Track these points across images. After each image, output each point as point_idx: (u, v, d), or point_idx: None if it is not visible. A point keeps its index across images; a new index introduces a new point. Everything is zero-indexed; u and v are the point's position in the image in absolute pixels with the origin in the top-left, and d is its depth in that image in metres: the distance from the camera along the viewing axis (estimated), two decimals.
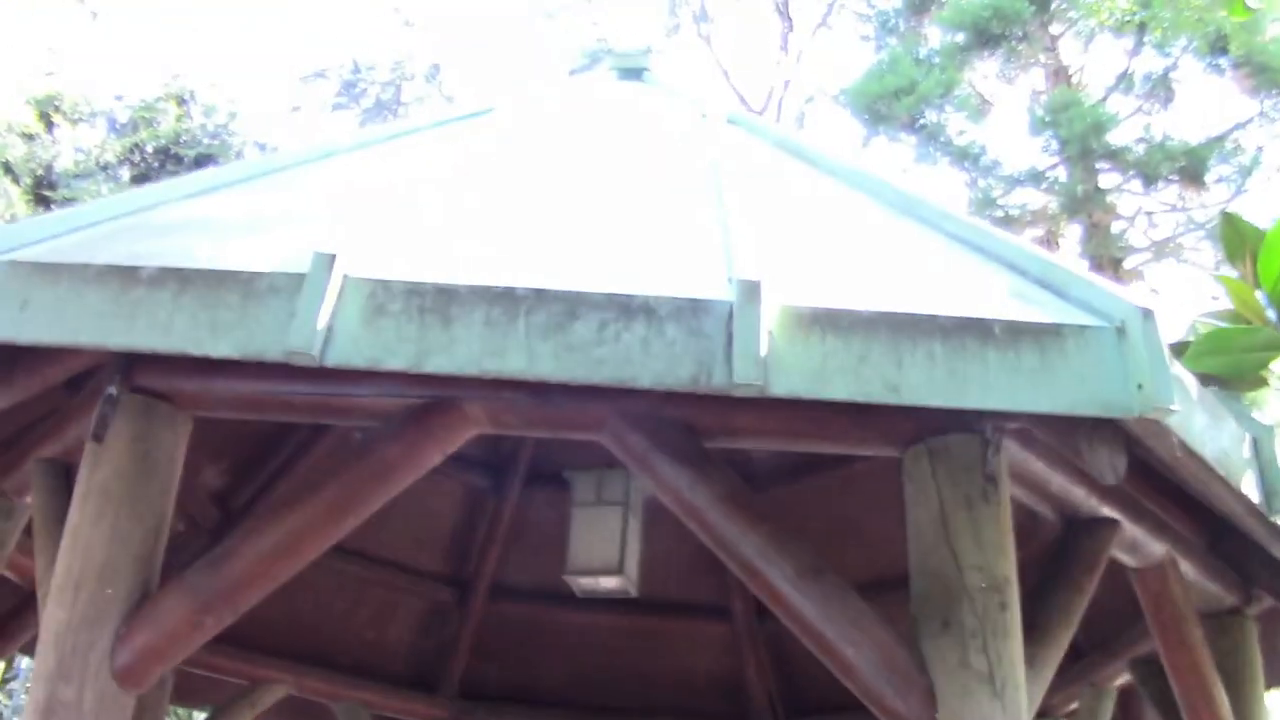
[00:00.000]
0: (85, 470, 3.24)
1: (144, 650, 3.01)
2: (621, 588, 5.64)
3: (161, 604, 3.06)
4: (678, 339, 2.67)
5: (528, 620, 7.72)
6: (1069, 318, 2.84)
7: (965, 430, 3.15)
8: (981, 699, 2.90)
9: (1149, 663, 5.02)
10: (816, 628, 3.09)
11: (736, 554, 3.17)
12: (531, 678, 7.75)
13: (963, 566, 3.04)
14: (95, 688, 2.95)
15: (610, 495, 5.63)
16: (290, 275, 2.77)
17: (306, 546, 3.13)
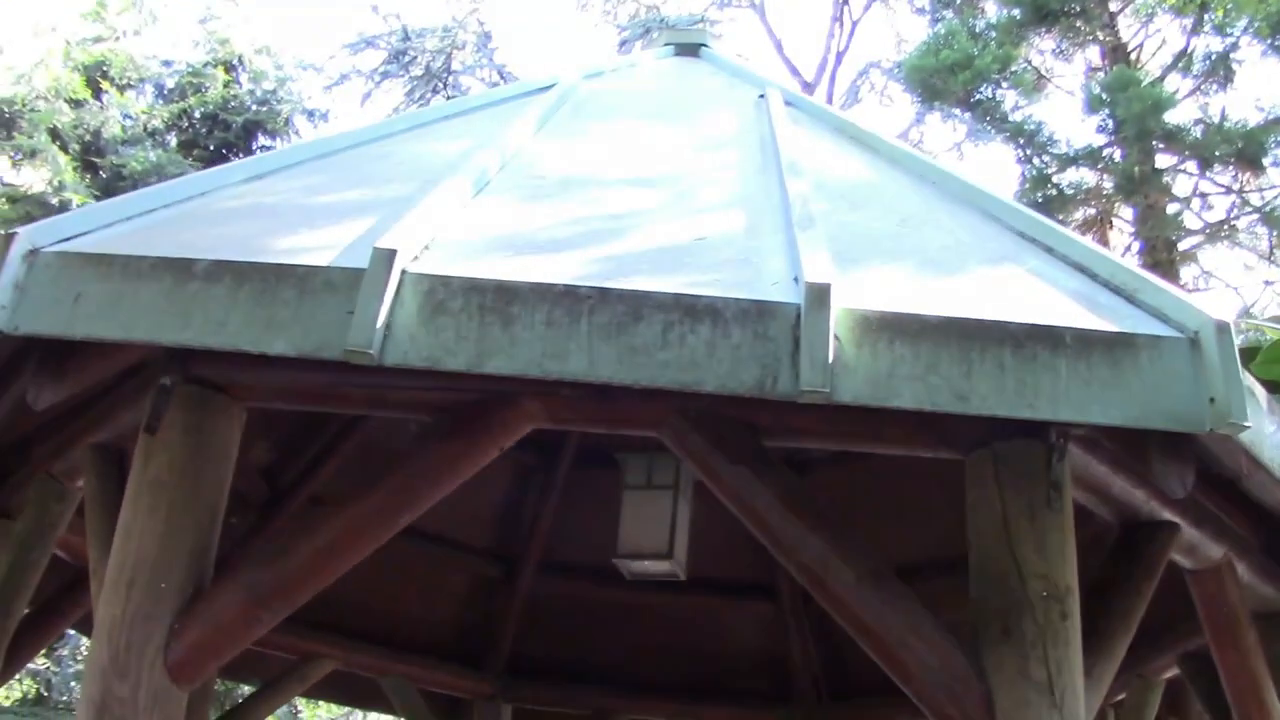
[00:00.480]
0: (138, 463, 3.22)
1: (198, 646, 3.00)
2: (670, 572, 5.62)
3: (216, 599, 3.04)
4: (743, 343, 2.62)
5: (575, 597, 7.74)
6: (1141, 327, 2.77)
7: (1030, 436, 3.08)
8: (1040, 709, 2.86)
9: (1199, 658, 4.96)
10: (875, 632, 3.05)
11: (796, 557, 3.13)
12: (578, 654, 7.76)
13: (1025, 575, 2.99)
14: (149, 684, 2.94)
15: (661, 479, 5.60)
16: (348, 271, 2.74)
17: (362, 541, 3.11)
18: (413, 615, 7.43)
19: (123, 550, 3.09)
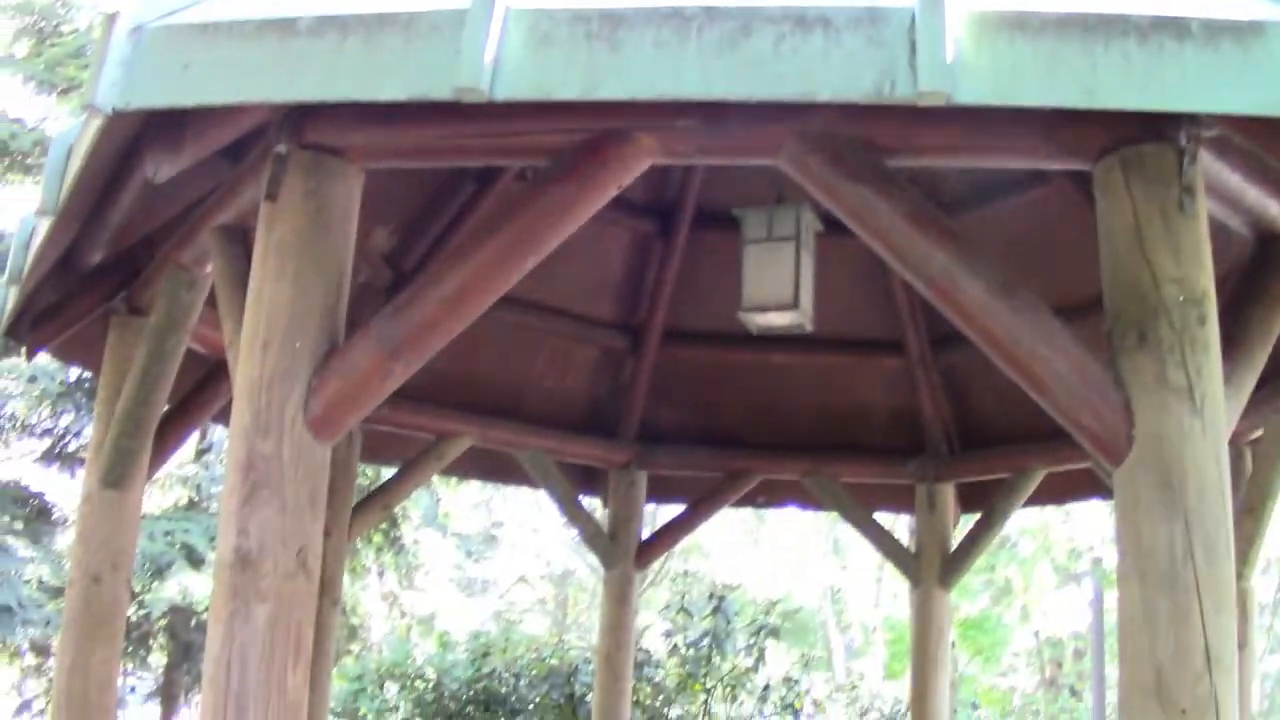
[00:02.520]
0: (262, 231, 3.26)
1: (336, 400, 3.07)
2: (797, 323, 5.58)
3: (350, 354, 3.10)
4: (857, 49, 2.53)
5: (702, 362, 7.81)
6: (1270, 14, 2.63)
7: (1160, 140, 2.98)
8: (1180, 414, 2.82)
9: None
10: (1009, 345, 3.01)
11: (924, 273, 3.08)
12: (709, 418, 7.86)
13: (1159, 280, 2.92)
14: (292, 440, 3.02)
15: (782, 231, 5.53)
16: (451, 12, 2.69)
17: (490, 286, 3.12)
18: (545, 390, 7.57)
19: (255, 315, 3.16)
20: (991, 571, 25.62)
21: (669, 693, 10.45)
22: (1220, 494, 2.78)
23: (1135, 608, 2.71)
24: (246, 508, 2.96)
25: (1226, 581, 2.73)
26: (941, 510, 7.76)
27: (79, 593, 4.90)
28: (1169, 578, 2.67)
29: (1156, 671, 2.63)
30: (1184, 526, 2.70)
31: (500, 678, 10.41)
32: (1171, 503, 2.72)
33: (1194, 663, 2.62)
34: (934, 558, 7.71)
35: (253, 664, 2.87)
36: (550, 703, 10.08)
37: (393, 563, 16.85)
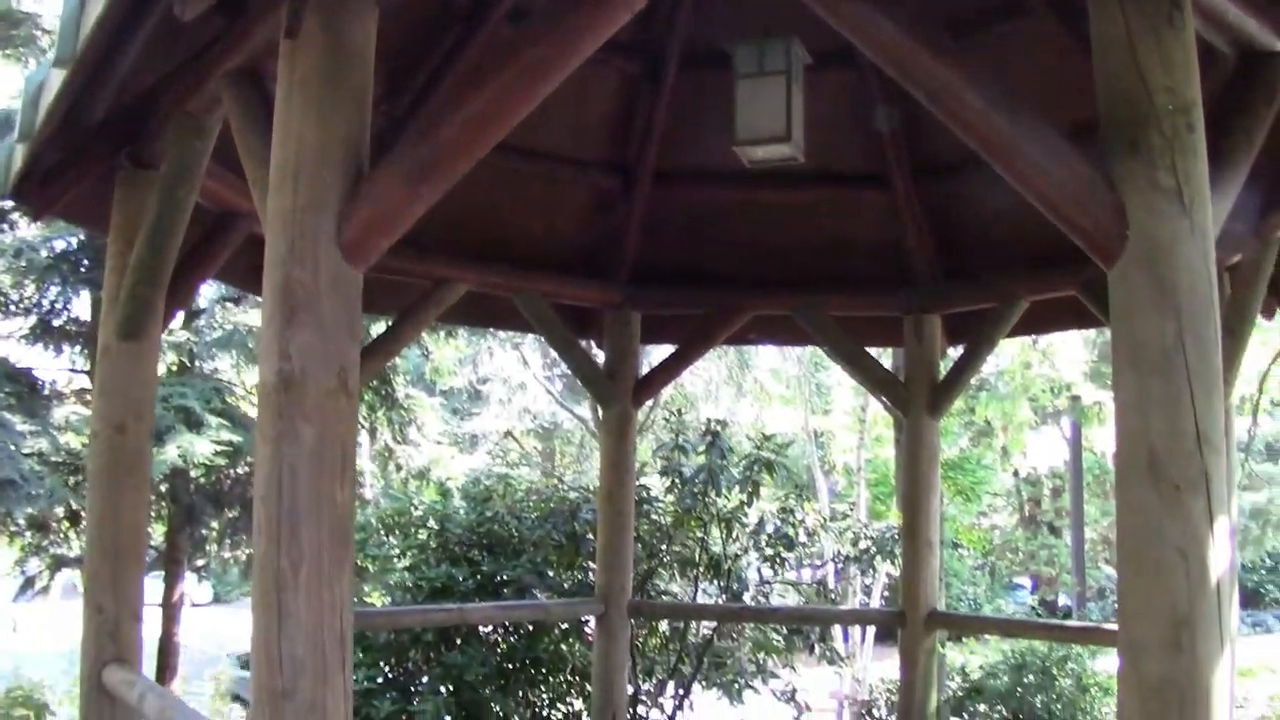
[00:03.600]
0: (284, 68, 3.33)
1: (367, 226, 3.18)
2: (791, 155, 5.69)
3: (378, 181, 3.20)
4: None
5: (693, 202, 7.94)
6: None
7: None
8: (1171, 215, 2.96)
9: None
10: (1010, 155, 3.14)
11: (928, 86, 3.19)
12: (700, 257, 8.00)
13: (1151, 89, 3.04)
14: (327, 266, 3.14)
15: (773, 64, 5.61)
16: None
17: (509, 109, 3.19)
18: (537, 234, 7.68)
19: (283, 149, 3.25)
20: (971, 413, 25.98)
21: (667, 529, 10.70)
22: (1209, 289, 2.94)
23: (1130, 393, 2.88)
24: (287, 332, 3.08)
25: (1214, 370, 2.91)
26: (929, 341, 7.95)
27: (104, 443, 5.06)
28: (1161, 366, 2.84)
29: (1150, 451, 2.81)
30: (1175, 319, 2.86)
31: (502, 521, 10.62)
32: (1163, 297, 2.88)
33: (1185, 443, 2.80)
34: (922, 387, 7.93)
35: (302, 480, 3.03)
36: (552, 542, 10.31)
37: (385, 419, 17.09)
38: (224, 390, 15.47)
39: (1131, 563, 2.85)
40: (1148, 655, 2.78)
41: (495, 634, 10.30)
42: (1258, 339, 18.78)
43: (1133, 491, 2.86)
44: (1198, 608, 2.74)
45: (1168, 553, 2.76)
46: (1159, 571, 2.77)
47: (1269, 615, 38.70)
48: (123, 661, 4.84)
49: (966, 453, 28.47)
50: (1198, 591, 2.74)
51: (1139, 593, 2.82)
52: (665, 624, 11.01)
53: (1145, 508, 2.82)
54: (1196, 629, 2.73)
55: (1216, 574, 2.77)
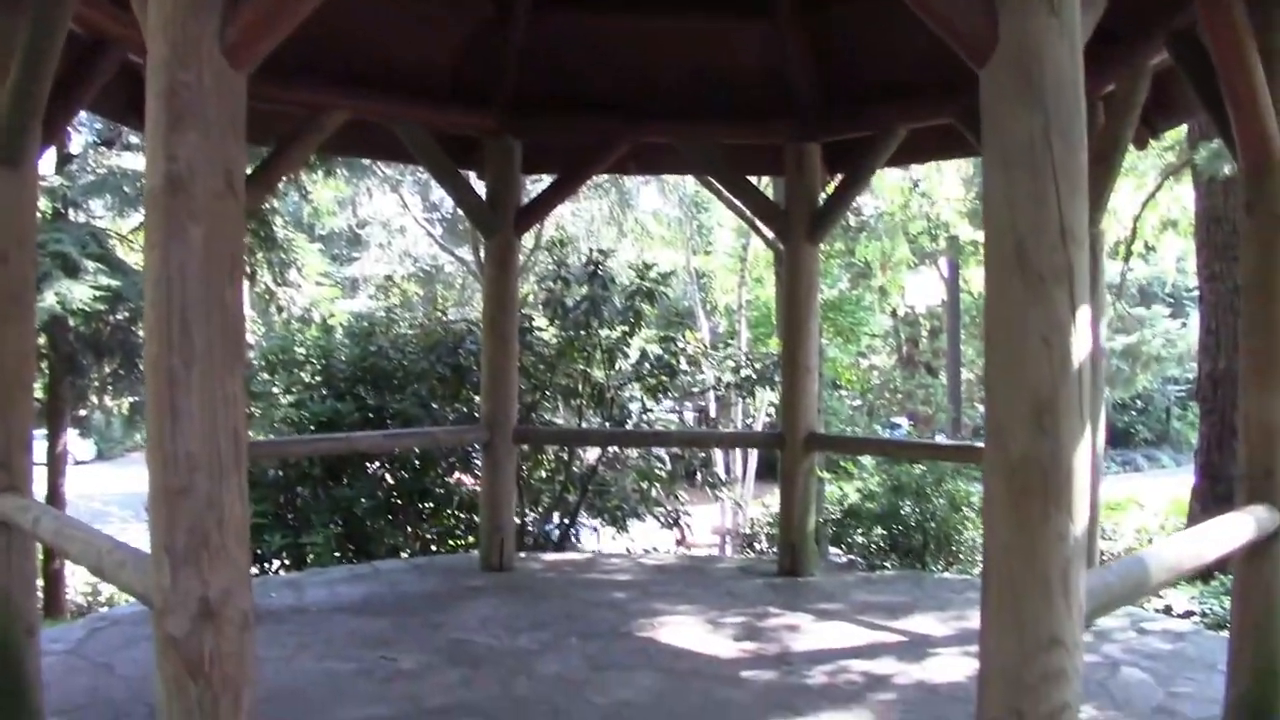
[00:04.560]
0: None
1: (249, 27, 3.12)
2: None
3: None
4: None
5: (573, 29, 7.87)
6: None
7: None
8: (1040, 16, 2.98)
9: (1188, 40, 5.11)
10: None
11: None
12: (580, 85, 7.98)
13: None
14: (211, 68, 3.10)
15: None
16: None
17: None
18: (415, 61, 7.58)
19: None
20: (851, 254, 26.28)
21: (551, 360, 10.83)
22: (1075, 89, 3.02)
23: (998, 189, 2.98)
24: (173, 135, 3.05)
25: (1079, 166, 3.01)
26: (809, 170, 8.07)
27: None
28: (1028, 162, 2.94)
29: (1017, 244, 2.93)
30: (1042, 117, 2.94)
31: (386, 355, 10.66)
32: (1031, 96, 2.96)
33: (1050, 236, 2.91)
34: (802, 215, 8.06)
35: (192, 280, 3.02)
36: (437, 375, 10.39)
37: (265, 261, 16.87)
38: (100, 236, 15.14)
39: (998, 350, 2.98)
40: (1012, 437, 2.92)
41: (383, 468, 10.40)
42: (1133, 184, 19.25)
43: (1000, 283, 2.97)
44: (1060, 392, 2.87)
45: (1032, 340, 2.89)
46: (1024, 358, 2.90)
47: (1138, 454, 40.20)
48: (15, 490, 4.83)
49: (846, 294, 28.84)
50: (1060, 376, 2.88)
51: (1004, 378, 2.96)
52: (552, 455, 11.19)
53: (1011, 297, 2.93)
54: (1059, 411, 2.87)
55: (1078, 360, 2.91)
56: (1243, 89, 4.53)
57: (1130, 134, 6.73)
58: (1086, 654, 6.22)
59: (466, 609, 7.15)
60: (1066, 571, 2.89)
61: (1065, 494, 2.87)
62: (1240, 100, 4.57)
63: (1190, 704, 5.51)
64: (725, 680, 5.80)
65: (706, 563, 9.35)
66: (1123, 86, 6.53)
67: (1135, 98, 6.52)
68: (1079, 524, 2.91)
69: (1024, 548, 2.90)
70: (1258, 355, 4.90)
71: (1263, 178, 4.84)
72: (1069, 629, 2.91)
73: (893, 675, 5.91)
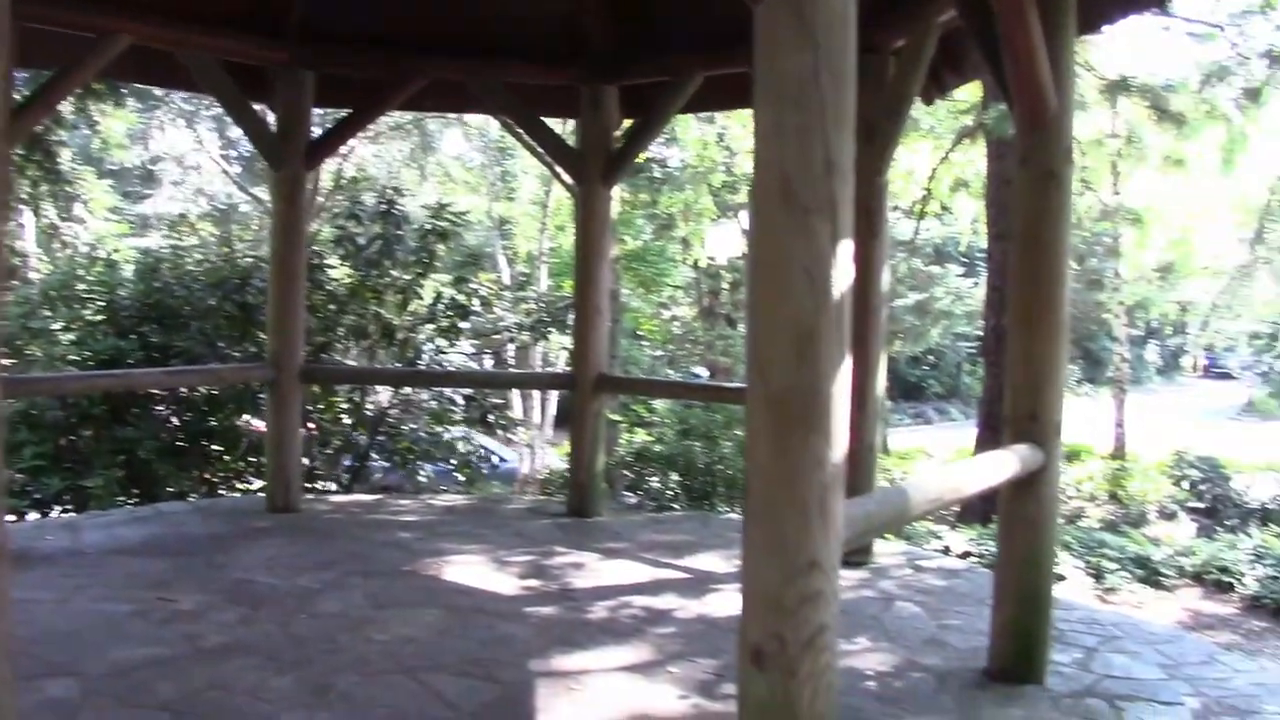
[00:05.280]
0: None
1: None
2: None
3: None
4: None
5: None
6: None
7: None
8: None
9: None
10: None
11: None
12: (374, 18, 7.85)
13: None
14: None
15: None
16: None
17: None
18: None
19: None
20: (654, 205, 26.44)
21: (342, 299, 10.66)
22: (845, 28, 3.07)
23: (767, 124, 3.03)
24: None
25: (847, 104, 3.07)
26: (605, 112, 8.08)
27: None
28: (797, 98, 2.99)
29: (783, 178, 2.98)
30: (813, 54, 2.99)
31: (171, 291, 10.36)
32: (803, 34, 3.01)
33: (815, 170, 2.98)
34: (597, 157, 8.07)
35: None
36: (224, 312, 10.15)
37: (49, 194, 16.25)
38: None
39: (762, 283, 3.03)
40: (774, 368, 2.98)
41: (169, 410, 10.15)
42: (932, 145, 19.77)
43: (766, 215, 3.02)
44: (821, 322, 2.95)
45: (795, 272, 2.95)
46: (787, 289, 2.96)
47: (929, 408, 41.52)
48: None
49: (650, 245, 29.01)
50: (821, 307, 2.95)
51: (768, 310, 3.01)
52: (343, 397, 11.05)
53: (776, 230, 2.99)
54: (819, 341, 2.95)
55: (839, 292, 2.98)
56: (1020, 44, 4.67)
57: (917, 88, 6.88)
58: (863, 590, 6.54)
59: (249, 550, 7.04)
60: (824, 497, 2.97)
61: (824, 422, 2.95)
62: (1018, 55, 4.72)
63: (959, 635, 5.75)
64: (507, 616, 5.83)
65: (496, 504, 9.33)
66: (911, 42, 6.68)
67: (923, 53, 6.66)
68: (837, 451, 3.00)
69: (783, 474, 2.97)
70: (1026, 303, 5.09)
71: (1036, 132, 5.02)
72: (827, 552, 2.99)
73: (674, 610, 6.02)
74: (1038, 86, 4.85)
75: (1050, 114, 4.95)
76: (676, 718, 4.54)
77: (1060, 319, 5.02)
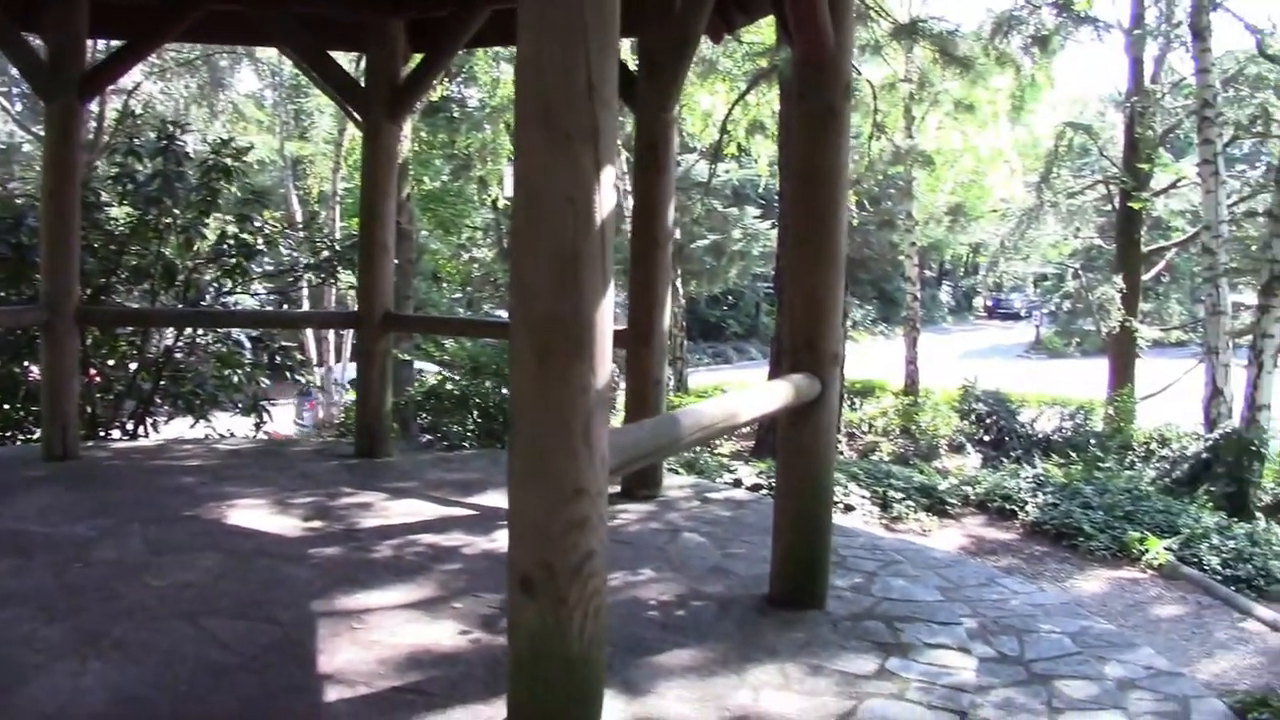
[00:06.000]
0: None
1: None
2: None
3: None
4: None
5: None
6: None
7: None
8: None
9: None
10: None
11: None
12: None
13: None
14: None
15: None
16: None
17: None
18: None
19: None
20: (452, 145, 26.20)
21: (123, 238, 10.29)
22: None
23: (530, 50, 2.99)
24: None
25: (611, 31, 3.05)
26: (390, 45, 7.94)
27: None
28: (562, 23, 2.95)
29: (545, 104, 2.95)
30: None
31: None
32: None
33: (578, 96, 2.95)
34: (382, 92, 7.93)
35: None
36: None
37: None
38: None
39: (524, 209, 3.00)
40: (536, 295, 2.97)
41: None
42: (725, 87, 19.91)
43: (528, 142, 2.99)
44: (583, 248, 2.94)
45: (556, 198, 2.93)
46: (548, 216, 2.94)
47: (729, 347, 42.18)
48: None
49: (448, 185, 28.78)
50: (583, 233, 2.94)
51: (530, 236, 2.99)
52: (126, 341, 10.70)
53: (538, 157, 2.97)
54: (581, 268, 2.94)
55: (601, 218, 2.97)
56: None
57: (702, 25, 6.90)
58: (651, 523, 6.60)
59: (22, 499, 6.77)
60: (589, 423, 2.97)
61: (587, 348, 2.95)
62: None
63: (743, 564, 5.85)
64: (289, 559, 5.72)
65: (284, 447, 9.17)
66: None
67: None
68: (601, 377, 3.00)
69: (546, 401, 2.97)
70: (802, 235, 5.18)
71: (814, 68, 5.10)
72: (592, 478, 3.00)
73: (460, 547, 6.00)
74: (816, 24, 4.92)
75: (829, 51, 5.02)
76: (457, 652, 4.52)
77: (837, 251, 5.11)
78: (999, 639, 5.84)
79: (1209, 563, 9.23)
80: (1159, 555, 9.15)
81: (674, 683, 4.29)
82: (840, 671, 4.50)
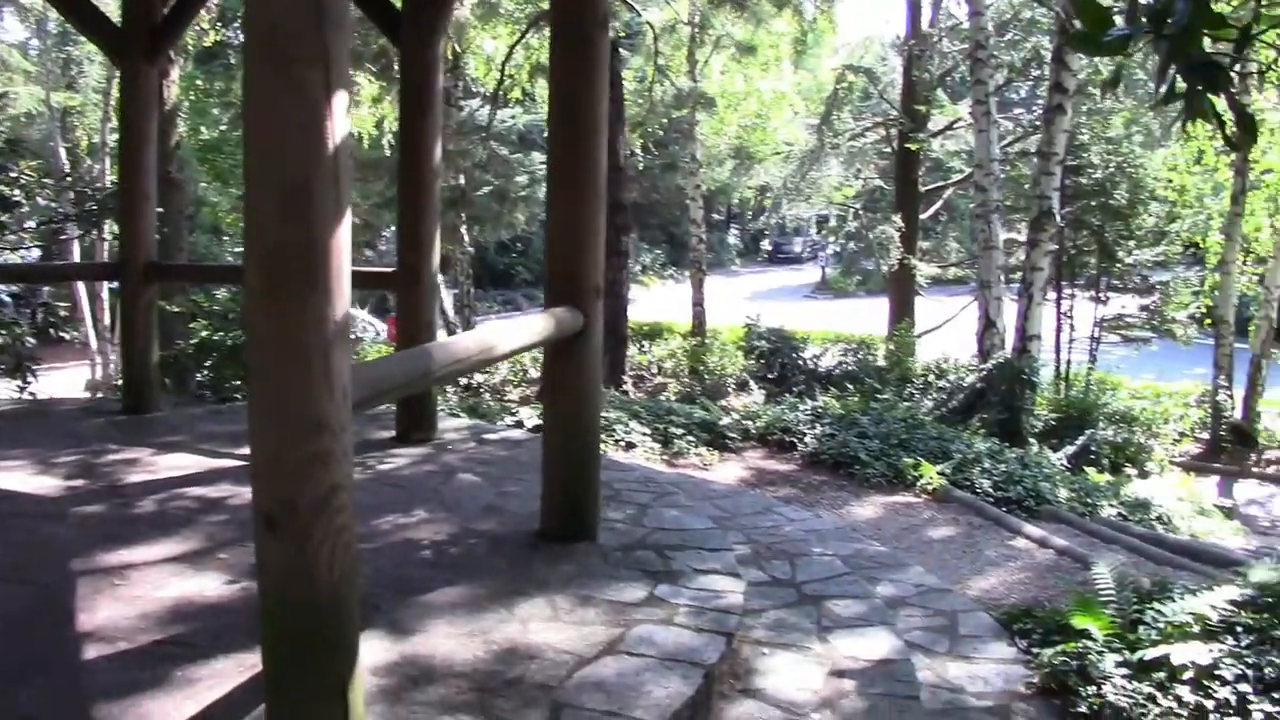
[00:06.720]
0: None
1: None
2: None
3: None
4: None
5: None
6: None
7: None
8: None
9: None
10: None
11: None
12: None
13: None
14: None
15: None
16: None
17: None
18: None
19: None
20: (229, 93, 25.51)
21: None
22: None
23: None
24: None
25: None
26: None
27: None
28: None
29: (271, 27, 2.85)
30: None
31: None
32: None
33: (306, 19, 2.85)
34: (140, 32, 7.61)
35: None
36: None
37: None
38: None
39: (253, 136, 2.91)
40: (265, 226, 2.86)
41: None
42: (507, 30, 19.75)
43: (255, 67, 2.89)
44: (313, 175, 2.85)
45: (285, 126, 2.84)
46: (276, 144, 2.85)
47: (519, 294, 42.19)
48: None
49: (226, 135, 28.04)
50: (313, 160, 2.85)
51: (259, 165, 2.89)
52: None
53: (265, 83, 2.86)
54: (312, 197, 2.85)
55: (333, 145, 2.89)
56: None
57: None
58: (425, 465, 6.56)
59: None
60: (328, 355, 2.90)
61: (321, 278, 2.88)
62: None
63: (517, 501, 5.88)
64: (50, 518, 5.53)
65: (49, 406, 8.81)
66: None
67: None
68: (339, 309, 2.93)
69: (281, 334, 2.89)
70: (561, 167, 5.17)
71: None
72: (333, 411, 2.93)
73: (228, 498, 5.87)
74: None
75: None
76: (223, 602, 4.44)
77: (595, 183, 5.11)
78: (771, 564, 5.98)
79: (981, 486, 9.57)
80: (932, 480, 9.43)
81: (442, 620, 4.29)
82: (609, 601, 4.56)
